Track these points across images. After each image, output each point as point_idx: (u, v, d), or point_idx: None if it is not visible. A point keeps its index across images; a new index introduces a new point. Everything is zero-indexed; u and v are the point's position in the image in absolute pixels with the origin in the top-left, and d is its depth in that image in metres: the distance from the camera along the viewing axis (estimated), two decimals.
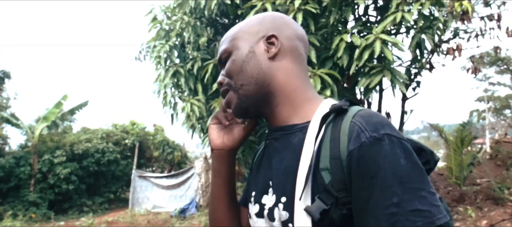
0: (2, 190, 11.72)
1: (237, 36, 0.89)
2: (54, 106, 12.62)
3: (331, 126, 0.77)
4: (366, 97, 4.96)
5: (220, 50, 0.93)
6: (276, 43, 0.86)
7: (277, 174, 0.84)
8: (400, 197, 0.65)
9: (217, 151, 0.97)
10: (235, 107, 0.89)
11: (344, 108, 0.77)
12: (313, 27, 4.50)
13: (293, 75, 0.87)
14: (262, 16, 0.92)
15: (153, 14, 5.50)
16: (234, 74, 0.87)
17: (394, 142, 0.69)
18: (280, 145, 0.86)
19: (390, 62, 4.22)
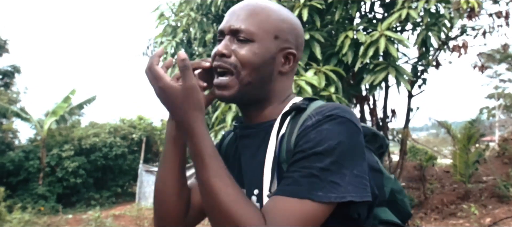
0: (11, 183, 11.90)
1: (268, 29, 0.84)
2: (63, 100, 12.77)
3: (291, 123, 0.82)
4: (370, 93, 4.98)
5: (241, 24, 0.84)
6: (291, 63, 0.88)
7: (249, 169, 0.88)
8: (326, 166, 0.71)
9: None
10: (229, 95, 0.84)
11: (302, 107, 0.82)
12: (319, 23, 4.52)
13: (286, 89, 0.91)
14: (294, 24, 0.90)
15: (160, 10, 5.56)
16: (248, 67, 0.83)
17: (336, 120, 0.74)
18: (250, 142, 0.89)
19: (395, 59, 4.23)
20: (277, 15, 0.87)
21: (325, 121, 0.74)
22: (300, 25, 0.92)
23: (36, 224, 8.24)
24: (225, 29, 0.86)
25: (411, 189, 7.85)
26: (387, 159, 6.84)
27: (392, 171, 6.81)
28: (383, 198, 0.91)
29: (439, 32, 4.20)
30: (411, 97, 6.24)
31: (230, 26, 0.85)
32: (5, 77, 14.54)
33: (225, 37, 0.85)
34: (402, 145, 6.75)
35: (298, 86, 3.98)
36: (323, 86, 4.13)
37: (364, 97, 6.20)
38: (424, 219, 6.16)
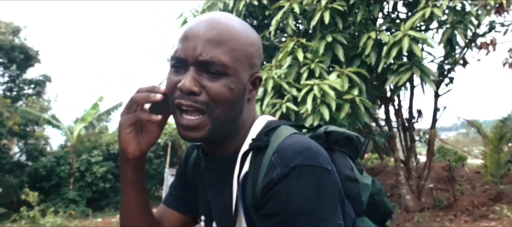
0: (44, 188, 12.32)
1: (239, 58, 0.74)
2: (91, 107, 13.15)
3: (254, 162, 0.74)
4: (395, 94, 4.91)
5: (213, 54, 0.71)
6: (257, 88, 0.80)
7: (216, 207, 0.82)
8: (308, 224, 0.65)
9: (134, 160, 0.81)
10: (200, 136, 0.74)
11: (261, 146, 0.73)
12: (341, 25, 4.51)
13: (253, 113, 0.83)
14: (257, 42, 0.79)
15: (183, 17, 5.66)
16: (223, 105, 0.72)
17: (303, 173, 0.67)
18: (214, 177, 0.82)
19: (419, 59, 4.16)
20: (245, 38, 0.75)
21: (292, 176, 0.67)
22: (259, 41, 0.81)
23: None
24: (188, 58, 0.72)
25: (440, 190, 7.66)
26: (414, 161, 6.70)
27: (419, 172, 6.67)
28: (361, 208, 0.86)
29: (465, 30, 4.10)
30: (438, 97, 6.11)
31: (197, 56, 0.71)
32: (37, 86, 15.09)
33: (190, 68, 0.72)
34: (429, 145, 6.61)
35: (321, 89, 3.98)
36: (346, 88, 4.11)
37: (389, 98, 6.11)
38: (454, 221, 6.00)
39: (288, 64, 4.41)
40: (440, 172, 8.82)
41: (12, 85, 14.89)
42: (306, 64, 4.35)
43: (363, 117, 4.25)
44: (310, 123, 4.15)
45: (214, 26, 0.73)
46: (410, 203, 6.36)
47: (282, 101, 4.32)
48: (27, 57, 14.04)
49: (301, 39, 4.44)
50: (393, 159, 7.13)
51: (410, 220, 6.05)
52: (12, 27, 13.49)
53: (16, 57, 13.65)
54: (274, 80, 4.32)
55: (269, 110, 4.39)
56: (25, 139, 13.68)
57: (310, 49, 4.51)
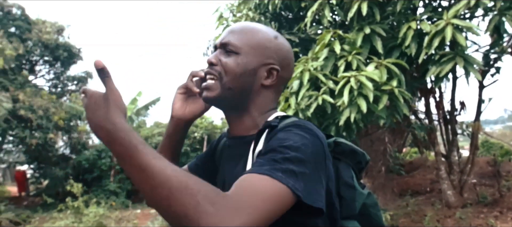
0: (87, 180, 12.89)
1: (252, 45, 0.93)
2: (130, 102, 13.58)
3: (266, 139, 0.86)
4: (436, 86, 4.74)
5: (229, 37, 0.94)
6: (273, 78, 0.94)
7: (231, 180, 0.86)
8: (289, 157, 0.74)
9: (177, 120, 1.03)
10: (211, 96, 0.93)
11: (273, 125, 0.87)
12: (379, 16, 4.40)
13: (268, 102, 0.97)
14: (280, 45, 0.97)
15: (219, 12, 5.71)
16: (230, 74, 0.91)
17: (303, 128, 0.82)
18: (232, 153, 0.97)
19: (463, 48, 3.99)
20: (264, 35, 0.95)
21: (292, 126, 0.82)
22: (289, 49, 0.99)
23: (109, 218, 8.82)
24: (218, 44, 0.97)
25: (484, 186, 7.34)
26: (456, 155, 6.46)
27: (461, 167, 6.42)
28: (353, 212, 0.97)
29: None
30: (483, 88, 5.84)
31: (221, 40, 0.95)
32: (79, 83, 15.74)
33: (217, 50, 0.96)
34: (472, 139, 6.34)
35: (358, 81, 3.91)
36: (384, 80, 4.01)
37: (430, 90, 5.91)
38: (499, 218, 5.74)
39: (324, 56, 4.35)
40: (484, 167, 8.46)
41: (57, 81, 15.62)
42: (343, 56, 4.28)
43: (402, 109, 4.13)
44: (347, 116, 4.08)
45: (243, 24, 0.98)
46: (451, 198, 6.15)
47: (318, 93, 4.28)
48: (70, 55, 14.68)
49: (338, 31, 4.37)
50: (433, 153, 6.90)
51: (452, 216, 5.85)
52: (57, 27, 14.12)
53: (61, 55, 14.29)
54: (310, 72, 4.28)
55: (305, 102, 4.35)
56: (69, 133, 14.34)
57: (347, 41, 4.43)
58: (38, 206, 12.32)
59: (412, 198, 7.35)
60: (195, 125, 14.91)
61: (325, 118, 4.59)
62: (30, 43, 13.72)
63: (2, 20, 13.03)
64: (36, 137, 12.19)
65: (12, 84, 12.32)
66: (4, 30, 12.26)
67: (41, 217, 10.55)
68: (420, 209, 6.40)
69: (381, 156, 7.98)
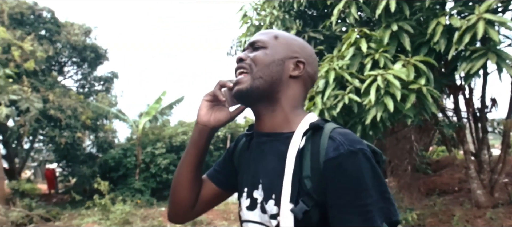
0: (113, 178, 13.15)
1: (279, 40, 1.02)
2: (155, 101, 13.78)
3: (311, 140, 0.91)
4: (466, 83, 4.62)
5: (258, 37, 1.03)
6: (301, 69, 1.01)
7: (265, 174, 0.97)
8: (372, 198, 0.83)
9: (202, 126, 1.05)
10: (243, 89, 0.98)
11: (320, 126, 0.92)
12: (407, 12, 4.32)
13: (298, 96, 1.02)
14: (304, 45, 1.07)
15: (243, 11, 5.73)
16: (260, 64, 0.98)
17: (365, 156, 0.86)
18: (267, 149, 0.99)
19: (495, 44, 3.87)
20: (288, 36, 1.05)
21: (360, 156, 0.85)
22: (312, 49, 1.08)
23: (135, 215, 8.98)
24: (246, 46, 1.05)
25: None
26: (485, 153, 6.27)
27: (492, 166, 6.24)
28: None
29: None
30: None
31: (249, 42, 1.05)
32: (105, 83, 16.11)
33: (246, 50, 1.05)
34: (504, 137, 6.14)
35: (385, 80, 3.85)
36: (412, 78, 3.94)
37: (459, 87, 5.77)
38: None
39: (350, 55, 4.31)
40: None
41: (84, 82, 16.02)
42: (369, 54, 4.23)
43: (430, 107, 4.04)
44: (374, 115, 4.03)
45: (267, 30, 1.13)
46: (481, 198, 5.98)
47: (344, 92, 4.24)
48: (97, 56, 15.02)
49: (365, 29, 4.31)
50: (462, 152, 6.73)
51: (482, 217, 5.69)
52: (84, 28, 14.48)
53: (88, 56, 14.65)
54: (335, 71, 4.25)
55: (331, 102, 4.32)
56: (96, 132, 14.68)
57: (373, 39, 4.37)
58: (67, 203, 12.68)
59: (440, 197, 7.19)
60: None
61: (351, 117, 4.55)
62: (59, 45, 14.11)
63: (33, 23, 13.45)
64: (65, 136, 12.53)
65: (43, 85, 12.71)
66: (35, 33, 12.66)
67: (70, 213, 10.84)
68: (448, 209, 6.25)
69: (407, 155, 7.84)
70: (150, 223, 8.54)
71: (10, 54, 11.04)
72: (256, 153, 1.02)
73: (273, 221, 0.92)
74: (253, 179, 1.01)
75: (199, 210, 1.13)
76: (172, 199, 1.12)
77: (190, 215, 1.13)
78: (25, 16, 13.13)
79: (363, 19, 5.25)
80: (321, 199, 0.87)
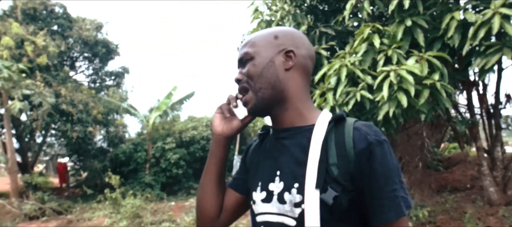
0: (123, 172, 13.26)
1: (260, 44, 1.02)
2: (166, 97, 13.85)
3: (334, 131, 0.95)
4: (481, 78, 4.56)
5: (241, 51, 1.05)
6: (293, 58, 1.01)
7: (287, 166, 1.00)
8: (397, 185, 0.89)
9: (217, 136, 1.11)
10: (252, 106, 1.03)
11: (343, 117, 0.96)
12: (421, 7, 4.27)
13: (301, 86, 1.03)
14: (284, 31, 1.06)
15: (254, 6, 5.71)
16: (254, 77, 1.00)
17: (389, 146, 0.91)
18: (288, 143, 1.01)
19: (511, 38, 3.81)
20: (267, 32, 1.05)
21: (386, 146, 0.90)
22: (293, 31, 1.07)
23: (145, 209, 9.04)
24: (237, 64, 1.08)
25: None
26: (499, 150, 6.19)
27: (505, 163, 6.15)
28: None
29: None
30: None
31: (237, 60, 1.07)
32: (117, 78, 16.23)
33: (238, 69, 1.07)
34: None
35: (398, 75, 3.82)
36: (425, 73, 3.90)
37: (472, 83, 5.70)
38: None
39: (363, 50, 4.28)
40: None
41: (96, 77, 16.17)
42: (382, 50, 4.19)
43: (444, 103, 4.00)
44: (386, 111, 4.00)
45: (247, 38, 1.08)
46: (494, 196, 5.91)
47: (356, 89, 4.21)
48: (108, 51, 15.15)
49: (377, 24, 4.28)
50: (474, 149, 6.65)
51: (494, 214, 5.63)
52: (96, 24, 14.59)
53: (99, 51, 14.77)
54: (347, 67, 4.22)
55: (343, 99, 4.30)
56: (107, 127, 14.82)
57: (387, 34, 4.33)
58: (78, 196, 12.84)
59: (451, 194, 7.12)
60: None
61: (363, 113, 4.52)
62: (71, 40, 14.25)
63: (46, 19, 13.60)
64: (77, 130, 12.67)
65: (55, 79, 12.86)
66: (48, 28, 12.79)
67: (82, 207, 10.97)
68: (460, 206, 6.19)
69: (418, 151, 7.77)
70: (160, 217, 8.60)
71: (23, 49, 11.18)
72: (276, 148, 1.05)
73: (296, 209, 0.94)
74: (269, 173, 1.03)
75: (225, 220, 1.16)
76: (198, 210, 1.15)
77: (216, 224, 1.15)
78: (38, 11, 13.28)
79: (376, 15, 5.20)
80: (349, 186, 0.90)
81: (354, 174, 0.90)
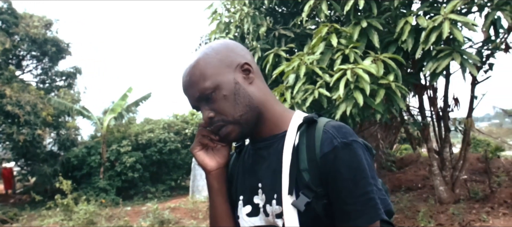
0: (76, 177, 12.69)
1: (212, 73, 0.93)
2: (120, 98, 13.38)
3: (305, 134, 0.91)
4: (433, 82, 4.74)
5: (196, 88, 0.94)
6: (251, 69, 0.97)
7: (266, 176, 0.96)
8: (370, 187, 0.85)
9: (215, 172, 1.02)
10: (237, 136, 0.96)
11: (314, 119, 0.92)
12: (376, 10, 4.38)
13: (266, 92, 1.00)
14: (224, 45, 0.99)
15: (213, 7, 5.63)
16: (230, 109, 0.93)
17: (359, 147, 0.87)
18: (266, 153, 0.98)
19: (460, 44, 3.99)
20: (210, 57, 0.95)
21: (355, 146, 0.86)
22: (229, 42, 1.01)
23: (100, 215, 8.70)
24: (195, 105, 0.98)
25: (475, 182, 7.42)
26: (447, 151, 6.50)
27: (453, 163, 6.47)
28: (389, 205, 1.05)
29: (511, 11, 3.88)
30: (475, 84, 5.87)
31: (193, 99, 0.97)
32: (68, 78, 15.49)
33: (201, 108, 0.97)
34: (465, 135, 6.38)
35: (355, 74, 3.89)
36: (381, 74, 4.00)
37: (424, 86, 5.93)
38: (491, 213, 5.79)
39: (321, 50, 4.32)
40: (474, 163, 8.55)
41: (45, 77, 15.34)
42: (340, 50, 4.25)
43: (399, 103, 4.13)
44: (343, 110, 4.06)
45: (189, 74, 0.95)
46: (443, 194, 6.19)
47: (314, 87, 4.25)
48: (58, 50, 14.41)
49: (335, 25, 4.34)
50: (426, 150, 6.93)
51: (444, 212, 5.88)
52: (45, 21, 13.85)
53: (49, 50, 14.02)
54: (306, 66, 4.25)
55: (301, 96, 4.32)
56: (57, 129, 14.09)
57: (344, 35, 4.40)
58: (26, 203, 12.10)
59: (405, 194, 7.39)
60: (186, 122, 14.79)
61: (321, 112, 4.56)
62: (17, 38, 13.44)
63: None
64: (24, 133, 11.94)
65: None
66: None
67: (29, 215, 10.36)
68: (413, 205, 6.42)
69: None
70: (115, 223, 8.28)
71: None
72: (254, 159, 1.01)
73: (279, 220, 0.91)
74: (251, 185, 1.00)
75: None
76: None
77: None
78: None
79: (333, 19, 5.29)
80: (320, 191, 0.87)
81: (323, 179, 0.87)
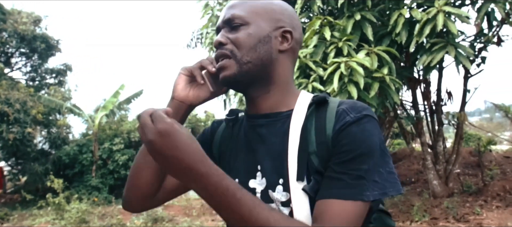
0: (68, 175, 12.56)
1: (258, 11, 0.88)
2: (112, 95, 13.23)
3: (315, 115, 0.84)
4: (427, 75, 4.73)
5: (232, 12, 0.88)
6: (289, 40, 0.89)
7: (267, 159, 0.87)
8: (370, 167, 0.76)
9: (178, 102, 0.92)
10: (231, 75, 0.86)
11: (326, 99, 0.85)
12: (369, 2, 4.34)
13: (289, 71, 0.92)
14: (284, 6, 0.92)
15: (205, 1, 5.56)
16: (245, 48, 0.85)
17: (372, 122, 0.80)
18: (266, 132, 0.89)
19: (454, 37, 3.97)
20: (267, 3, 0.89)
21: (365, 120, 0.78)
22: (291, 8, 0.94)
23: (92, 213, 8.63)
24: (219, 26, 0.91)
25: (468, 176, 7.46)
26: (441, 145, 6.51)
27: (446, 157, 6.48)
28: None
29: (504, 4, 3.87)
30: (468, 78, 5.88)
31: (223, 19, 0.89)
32: (58, 76, 15.29)
33: (221, 31, 0.90)
34: (458, 129, 6.39)
35: (349, 67, 3.85)
36: (375, 67, 3.97)
37: (417, 80, 5.92)
38: (484, 207, 5.82)
39: (314, 43, 4.28)
40: (467, 157, 8.59)
41: (34, 74, 15.13)
42: (333, 43, 4.21)
43: (393, 97, 4.10)
44: None
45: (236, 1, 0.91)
46: (437, 188, 6.20)
47: (307, 80, 4.20)
48: (48, 47, 14.20)
49: (328, 17, 4.29)
50: (419, 144, 6.94)
51: (438, 206, 5.89)
52: (34, 17, 13.63)
53: (38, 47, 13.81)
54: (299, 59, 4.20)
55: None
56: (48, 127, 13.91)
57: (337, 28, 4.36)
58: (17, 203, 11.94)
59: None
60: None
61: None
62: (5, 34, 13.23)
63: None
64: (14, 131, 11.77)
65: None
66: None
67: (20, 214, 10.23)
68: (407, 200, 6.43)
69: None
70: (108, 222, 8.19)
71: None
72: (252, 138, 0.91)
73: (284, 209, 0.83)
74: (247, 167, 0.90)
75: (161, 199, 0.98)
76: (132, 183, 0.95)
77: (149, 203, 0.97)
78: None
79: (326, 11, 5.24)
80: None
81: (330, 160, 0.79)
